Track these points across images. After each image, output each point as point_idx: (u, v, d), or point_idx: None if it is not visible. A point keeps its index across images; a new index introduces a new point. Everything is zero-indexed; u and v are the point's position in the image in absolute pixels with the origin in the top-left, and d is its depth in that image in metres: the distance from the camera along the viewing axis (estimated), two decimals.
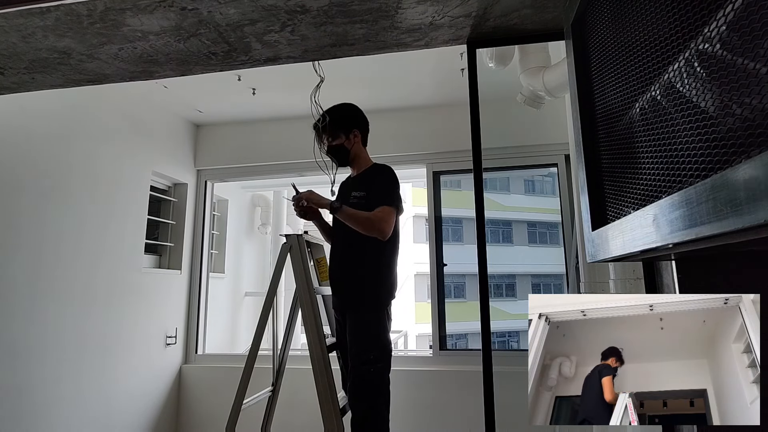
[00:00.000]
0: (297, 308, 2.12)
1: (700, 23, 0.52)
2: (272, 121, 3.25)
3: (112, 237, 2.58)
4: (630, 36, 0.73)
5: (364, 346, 1.79)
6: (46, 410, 2.15)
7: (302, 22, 1.28)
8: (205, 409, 3.03)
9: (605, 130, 0.87)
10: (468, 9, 1.24)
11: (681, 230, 0.51)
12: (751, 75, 0.43)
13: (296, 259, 1.95)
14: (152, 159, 2.94)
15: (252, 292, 4.62)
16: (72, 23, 1.25)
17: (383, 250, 1.87)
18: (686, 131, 0.56)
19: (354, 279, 1.87)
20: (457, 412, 2.65)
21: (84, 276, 2.39)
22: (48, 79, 1.61)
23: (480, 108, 1.40)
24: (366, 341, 1.80)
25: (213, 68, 1.57)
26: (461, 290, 13.51)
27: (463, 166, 2.98)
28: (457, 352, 3.01)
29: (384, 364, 1.81)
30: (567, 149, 2.73)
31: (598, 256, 0.84)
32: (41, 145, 2.20)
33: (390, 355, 1.85)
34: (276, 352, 2.22)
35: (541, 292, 13.89)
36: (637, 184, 0.70)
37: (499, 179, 14.36)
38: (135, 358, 2.72)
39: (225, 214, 4.15)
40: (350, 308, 1.87)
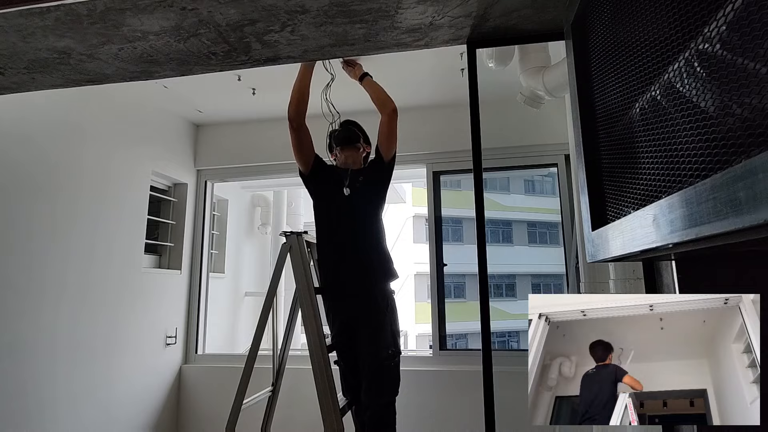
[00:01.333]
0: (297, 308, 2.12)
1: (700, 23, 0.52)
2: (272, 121, 3.25)
3: (112, 237, 2.58)
4: (630, 36, 0.73)
5: (384, 342, 1.89)
6: (45, 410, 2.15)
7: (302, 22, 1.28)
8: (205, 409, 3.03)
9: (605, 130, 0.87)
10: (468, 9, 1.24)
11: (681, 230, 0.51)
12: (751, 75, 0.43)
13: (296, 258, 1.96)
14: (152, 159, 2.94)
15: (252, 292, 4.62)
16: (72, 23, 1.25)
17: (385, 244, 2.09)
18: (686, 131, 0.56)
19: (379, 280, 2.00)
20: (457, 412, 2.65)
21: (83, 276, 2.39)
22: (48, 79, 1.60)
23: (480, 108, 1.40)
24: (385, 338, 1.90)
25: (213, 68, 1.56)
26: (461, 290, 13.51)
27: (463, 166, 2.98)
28: (457, 352, 3.01)
29: (399, 357, 1.94)
30: (567, 149, 2.73)
31: (598, 256, 0.84)
32: (41, 144, 2.20)
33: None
34: (276, 352, 2.22)
35: (541, 292, 13.89)
36: (637, 184, 0.70)
37: (499, 179, 14.35)
38: (135, 358, 2.72)
39: (225, 214, 4.15)
40: (375, 310, 1.93)
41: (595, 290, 1.93)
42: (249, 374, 1.94)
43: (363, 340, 1.90)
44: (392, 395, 1.89)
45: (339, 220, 2.02)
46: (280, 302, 4.08)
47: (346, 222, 2.01)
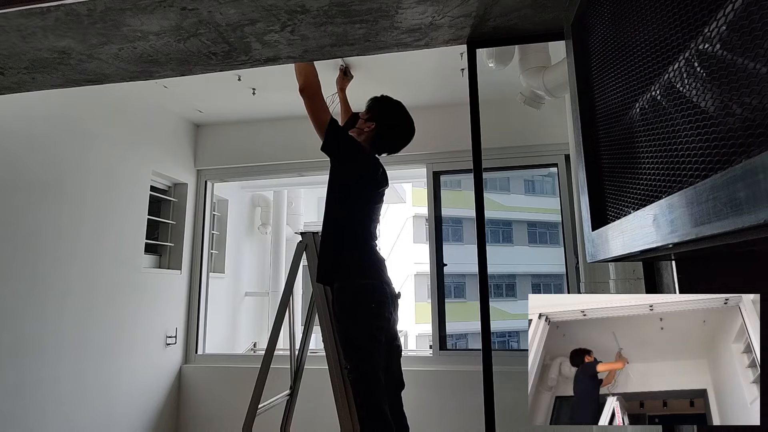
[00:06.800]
0: (314, 308, 2.03)
1: (700, 23, 0.52)
2: (272, 121, 3.25)
3: (112, 237, 2.58)
4: (630, 36, 0.73)
5: (344, 352, 1.79)
6: (45, 410, 2.15)
7: (302, 22, 1.28)
8: (205, 409, 3.03)
9: (605, 130, 0.87)
10: (468, 9, 1.24)
11: (681, 230, 0.51)
12: (751, 75, 0.43)
13: (312, 257, 1.90)
14: (152, 159, 2.94)
15: (252, 292, 4.62)
16: (72, 23, 1.25)
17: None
18: (686, 131, 0.56)
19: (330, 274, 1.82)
20: (457, 412, 2.65)
21: (84, 276, 2.39)
22: (48, 79, 1.61)
23: (480, 108, 1.40)
24: (344, 348, 1.79)
25: (213, 68, 1.57)
26: (461, 290, 13.51)
27: (463, 166, 2.98)
28: (457, 352, 3.01)
29: (358, 373, 1.74)
30: (567, 149, 2.73)
31: (598, 256, 0.84)
32: (41, 144, 2.20)
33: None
34: (294, 353, 2.16)
35: (541, 292, 13.89)
36: (637, 184, 0.70)
37: (499, 179, 14.35)
38: (135, 358, 2.72)
39: (225, 214, 4.15)
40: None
41: (595, 290, 1.93)
42: (265, 375, 1.88)
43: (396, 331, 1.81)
44: (360, 409, 1.66)
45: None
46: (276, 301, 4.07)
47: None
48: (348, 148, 1.82)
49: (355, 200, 1.81)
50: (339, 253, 1.75)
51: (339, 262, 1.75)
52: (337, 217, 1.79)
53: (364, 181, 1.85)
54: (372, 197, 1.88)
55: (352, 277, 1.73)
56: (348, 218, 1.80)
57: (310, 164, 3.16)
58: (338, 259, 1.75)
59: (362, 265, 1.76)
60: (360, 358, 1.67)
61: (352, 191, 1.81)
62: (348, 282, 1.72)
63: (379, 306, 1.71)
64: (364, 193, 1.85)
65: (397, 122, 1.95)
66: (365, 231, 1.82)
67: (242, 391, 2.28)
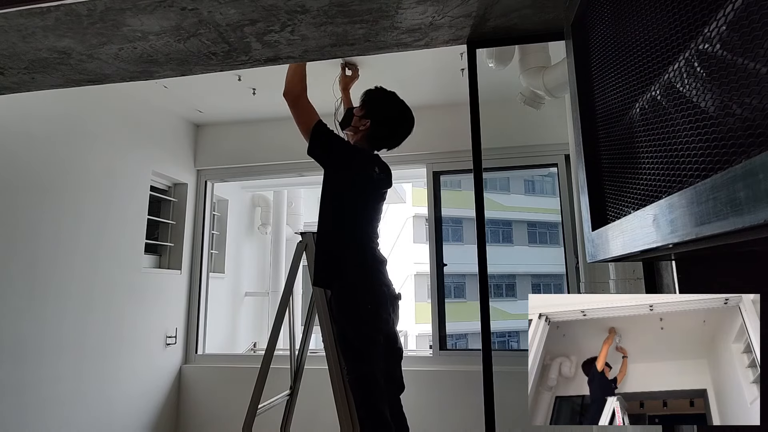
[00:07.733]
0: (314, 308, 2.02)
1: (700, 23, 0.52)
2: (272, 121, 3.25)
3: (112, 237, 2.58)
4: (630, 36, 0.73)
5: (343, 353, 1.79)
6: (45, 410, 2.15)
7: (302, 22, 1.28)
8: (205, 409, 3.03)
9: (605, 130, 0.87)
10: (468, 9, 1.24)
11: (681, 230, 0.51)
12: (751, 75, 0.43)
13: (312, 257, 1.89)
14: (152, 159, 2.94)
15: (252, 292, 4.62)
16: (72, 23, 1.25)
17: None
18: (686, 131, 0.56)
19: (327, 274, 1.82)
20: (457, 412, 2.65)
21: (84, 276, 2.39)
22: (48, 79, 1.61)
23: (480, 108, 1.40)
24: (342, 349, 1.78)
25: (213, 68, 1.57)
26: (461, 290, 13.52)
27: (463, 166, 2.98)
28: (457, 352, 3.01)
29: (354, 375, 1.73)
30: (567, 149, 2.73)
31: (598, 256, 0.84)
32: (41, 144, 2.20)
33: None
34: (294, 353, 2.16)
35: (541, 292, 13.89)
36: (637, 184, 0.70)
37: (499, 179, 14.36)
38: (135, 358, 2.72)
39: (225, 214, 4.15)
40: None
41: (595, 290, 1.93)
42: (265, 375, 1.88)
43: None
44: (360, 410, 1.65)
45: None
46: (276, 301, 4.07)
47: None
48: (339, 155, 1.79)
49: (350, 207, 1.79)
50: (335, 256, 1.74)
51: (335, 265, 1.73)
52: (332, 223, 1.77)
53: (360, 187, 1.82)
54: (371, 199, 1.86)
55: (349, 279, 1.71)
56: (343, 224, 1.77)
57: (310, 164, 3.11)
58: (334, 262, 1.74)
59: (359, 267, 1.74)
60: (357, 360, 1.66)
61: (346, 199, 1.79)
62: (344, 284, 1.71)
63: (377, 308, 1.69)
64: (361, 198, 1.82)
65: (392, 115, 1.91)
66: (363, 233, 1.80)
67: (242, 391, 2.28)
